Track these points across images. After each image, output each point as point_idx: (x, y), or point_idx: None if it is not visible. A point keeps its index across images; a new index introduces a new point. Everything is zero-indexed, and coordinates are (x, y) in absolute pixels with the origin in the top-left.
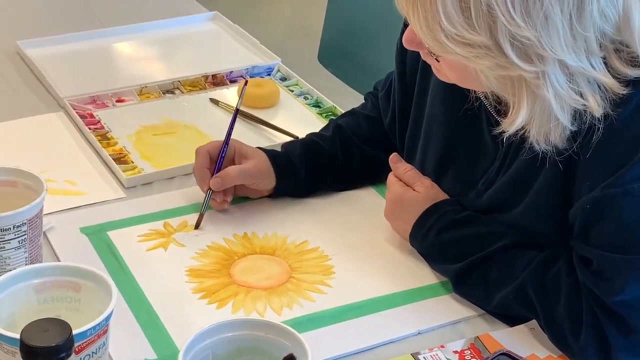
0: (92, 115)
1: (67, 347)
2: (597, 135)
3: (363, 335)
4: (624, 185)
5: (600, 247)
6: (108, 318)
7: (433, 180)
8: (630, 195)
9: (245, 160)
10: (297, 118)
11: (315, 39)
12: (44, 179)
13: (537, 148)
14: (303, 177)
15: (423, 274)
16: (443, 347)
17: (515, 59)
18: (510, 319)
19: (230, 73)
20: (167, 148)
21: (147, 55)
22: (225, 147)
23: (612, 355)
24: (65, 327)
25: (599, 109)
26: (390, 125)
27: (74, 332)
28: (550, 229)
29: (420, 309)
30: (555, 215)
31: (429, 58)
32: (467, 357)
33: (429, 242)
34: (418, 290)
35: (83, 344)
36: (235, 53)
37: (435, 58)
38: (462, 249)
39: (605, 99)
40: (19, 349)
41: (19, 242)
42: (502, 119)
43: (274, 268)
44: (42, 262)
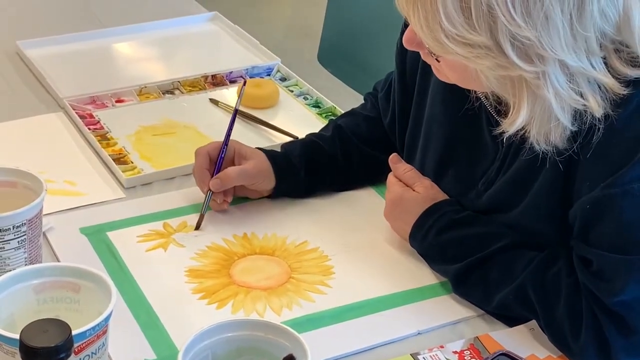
0: (91, 116)
1: (66, 347)
2: (597, 136)
3: (363, 336)
4: (624, 186)
5: (600, 247)
6: (107, 318)
7: (433, 181)
8: (630, 196)
9: (245, 161)
10: (296, 118)
11: (315, 39)
12: (44, 180)
13: (537, 148)
14: (303, 177)
15: (423, 275)
16: (443, 347)
17: (516, 59)
18: (510, 320)
19: (230, 73)
20: (166, 148)
21: (146, 56)
22: (225, 148)
23: (612, 356)
24: (65, 327)
25: (600, 109)
26: (390, 126)
27: (74, 332)
28: (550, 229)
29: (420, 309)
30: (555, 216)
31: (429, 58)
32: (466, 357)
33: (429, 242)
34: (418, 291)
35: (82, 345)
36: (235, 53)
37: (436, 58)
38: (461, 249)
39: (606, 99)
40: (19, 350)
41: (19, 242)
42: (502, 119)
43: (274, 268)
44: (41, 262)
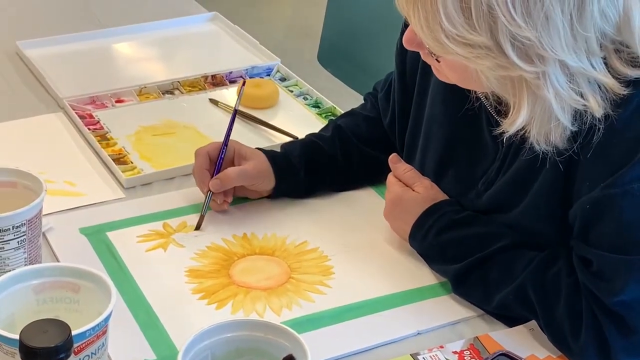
0: (91, 116)
1: (66, 347)
2: (597, 136)
3: (362, 336)
4: (624, 186)
5: (600, 247)
6: (107, 319)
7: (433, 181)
8: (630, 196)
9: (245, 161)
10: (296, 118)
11: (315, 40)
12: (43, 180)
13: (537, 148)
14: (302, 177)
15: (422, 275)
16: (442, 347)
17: (516, 60)
18: (510, 320)
19: (230, 73)
20: (166, 148)
21: (146, 56)
22: (225, 148)
23: (611, 356)
24: (65, 327)
25: (600, 110)
26: (390, 126)
27: (73, 332)
28: (550, 229)
29: (420, 310)
30: (555, 216)
31: (429, 58)
32: (466, 357)
33: (429, 242)
34: (417, 291)
35: (82, 345)
36: (235, 53)
37: (436, 58)
38: (461, 250)
39: (606, 100)
40: (18, 350)
41: (18, 242)
42: (502, 120)
43: (274, 268)
44: (41, 262)
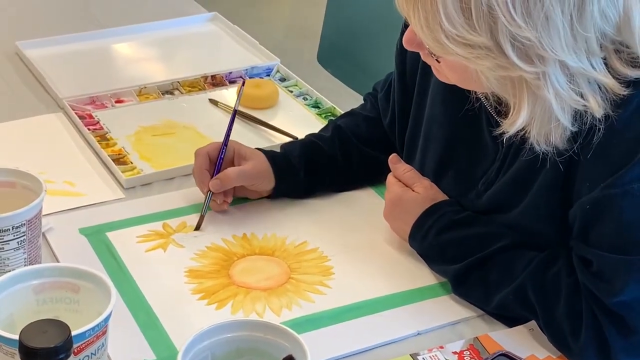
0: (91, 116)
1: (66, 348)
2: (597, 136)
3: (362, 336)
4: (624, 186)
5: (600, 247)
6: (107, 319)
7: (432, 181)
8: (630, 196)
9: (245, 162)
10: (296, 119)
11: (315, 40)
12: (43, 180)
13: (537, 149)
14: (302, 177)
15: (422, 275)
16: (442, 347)
17: (516, 60)
18: (510, 320)
19: (230, 74)
20: (166, 149)
21: (146, 56)
22: (224, 148)
23: (611, 356)
24: (64, 328)
25: (600, 110)
26: (390, 126)
27: (73, 333)
28: (550, 230)
29: (420, 310)
30: (555, 216)
31: (429, 59)
32: (466, 357)
33: (429, 242)
34: (417, 291)
35: (82, 345)
36: (235, 54)
37: (436, 59)
38: (461, 250)
39: (606, 100)
40: (18, 350)
41: (18, 243)
42: (502, 120)
43: (273, 269)
44: (41, 263)
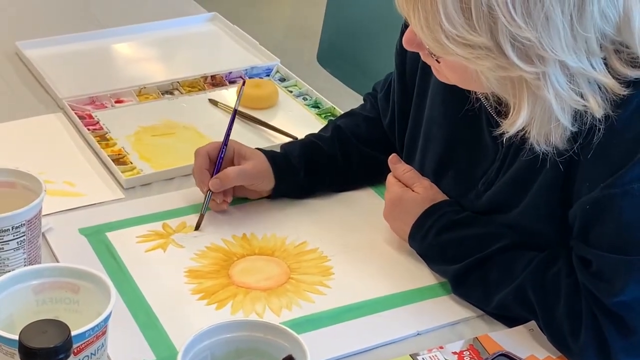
0: (91, 116)
1: (65, 348)
2: (597, 136)
3: (362, 336)
4: (624, 186)
5: (600, 247)
6: (107, 319)
7: (432, 181)
8: (630, 196)
9: (245, 161)
10: (296, 119)
11: (315, 40)
12: (43, 180)
13: (537, 149)
14: (302, 178)
15: (422, 275)
16: (442, 348)
17: (516, 60)
18: (510, 320)
19: (230, 74)
20: (166, 149)
21: (146, 56)
22: (224, 148)
23: (611, 356)
24: (64, 328)
25: (600, 110)
26: (390, 126)
27: (73, 333)
28: (550, 230)
29: (419, 310)
30: (555, 216)
31: (429, 59)
32: (466, 358)
33: (428, 242)
34: (417, 291)
35: (82, 345)
36: (234, 54)
37: (436, 59)
38: (461, 250)
39: (606, 100)
40: (18, 350)
41: (18, 243)
42: (502, 120)
43: (273, 269)
44: (40, 263)
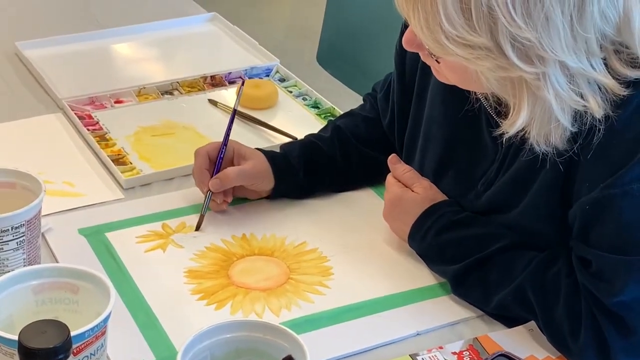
0: (90, 117)
1: (65, 348)
2: (597, 137)
3: (362, 337)
4: (624, 186)
5: (600, 247)
6: (106, 319)
7: (432, 181)
8: (630, 196)
9: (244, 162)
10: (295, 119)
11: (314, 40)
12: (42, 180)
13: (537, 149)
14: (302, 178)
15: (422, 275)
16: (442, 348)
17: (516, 60)
18: (509, 320)
19: (229, 74)
20: (165, 149)
21: (145, 56)
22: (224, 148)
23: (611, 357)
24: (64, 328)
25: (600, 110)
26: (389, 126)
27: (72, 333)
28: (550, 230)
29: (419, 310)
30: (555, 216)
31: (429, 59)
32: (465, 358)
33: (428, 243)
34: (417, 291)
35: (81, 346)
36: (234, 54)
37: (436, 59)
38: (460, 250)
39: (606, 100)
40: (17, 351)
41: (17, 243)
42: (501, 121)
43: (273, 269)
44: (40, 263)
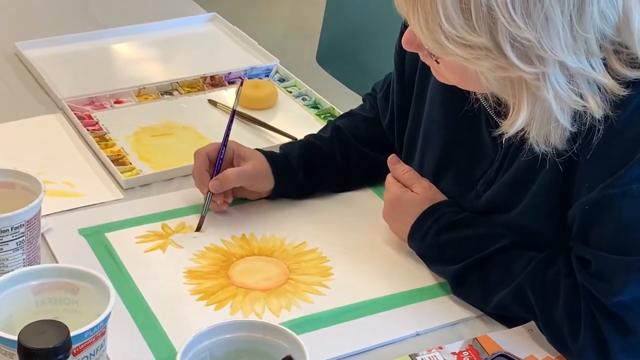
0: (90, 117)
1: (64, 349)
2: (597, 137)
3: (361, 337)
4: (623, 186)
5: (599, 248)
6: (106, 320)
7: (431, 182)
8: (629, 196)
9: (244, 162)
10: (295, 119)
11: (314, 40)
12: (42, 181)
13: (536, 149)
14: (301, 178)
15: (421, 275)
16: (441, 348)
17: (516, 61)
18: (509, 320)
19: (229, 74)
20: (165, 149)
21: (145, 57)
22: (224, 149)
23: (610, 357)
24: (63, 328)
25: (599, 110)
26: (389, 126)
27: (72, 334)
28: (549, 230)
29: (419, 310)
30: (554, 216)
31: (429, 59)
32: (465, 358)
33: (427, 243)
34: (416, 292)
35: (81, 346)
36: (234, 54)
37: (435, 59)
38: (460, 250)
39: (605, 100)
40: (17, 351)
41: (17, 243)
42: (501, 121)
43: (272, 269)
44: (40, 263)
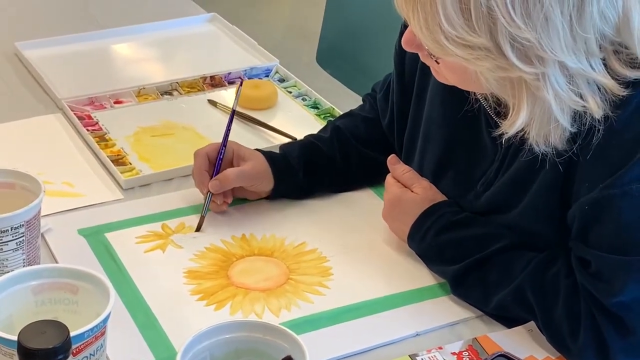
0: (90, 117)
1: (64, 349)
2: (596, 137)
3: (361, 337)
4: (623, 187)
5: (599, 248)
6: (106, 320)
7: (431, 182)
8: (629, 197)
9: (244, 162)
10: (295, 119)
11: (314, 41)
12: (42, 181)
13: (536, 150)
14: (301, 178)
15: (421, 276)
16: (441, 348)
17: (516, 61)
18: (509, 321)
19: (229, 74)
20: (165, 149)
21: (145, 57)
22: (223, 149)
23: (610, 357)
24: (63, 329)
25: (599, 111)
26: (389, 127)
27: (72, 334)
28: (549, 230)
29: (419, 311)
30: (554, 216)
31: (429, 60)
32: (465, 358)
33: (427, 243)
34: (416, 292)
35: (81, 346)
36: (234, 54)
37: (435, 60)
38: (460, 251)
39: (605, 101)
40: (17, 351)
41: (17, 243)
42: (501, 121)
43: (272, 269)
44: (39, 263)
